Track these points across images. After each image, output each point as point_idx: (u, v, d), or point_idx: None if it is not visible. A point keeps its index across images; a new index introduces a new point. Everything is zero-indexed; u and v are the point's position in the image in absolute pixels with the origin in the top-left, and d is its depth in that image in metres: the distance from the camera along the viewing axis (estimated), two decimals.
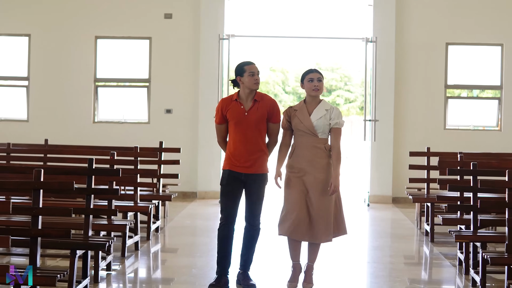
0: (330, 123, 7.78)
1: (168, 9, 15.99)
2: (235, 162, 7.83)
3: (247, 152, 7.80)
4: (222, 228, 7.85)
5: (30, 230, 6.41)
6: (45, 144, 12.60)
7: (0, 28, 16.29)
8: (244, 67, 7.87)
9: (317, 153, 7.76)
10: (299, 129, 7.82)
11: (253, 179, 7.82)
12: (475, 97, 16.71)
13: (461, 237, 8.33)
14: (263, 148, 7.89)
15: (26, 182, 6.73)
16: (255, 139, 7.81)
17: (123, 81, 16.62)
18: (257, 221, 7.91)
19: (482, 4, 15.81)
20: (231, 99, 7.91)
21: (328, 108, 7.85)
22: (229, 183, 7.84)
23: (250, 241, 7.92)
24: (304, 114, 7.84)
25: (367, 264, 9.83)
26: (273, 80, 50.84)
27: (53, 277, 6.00)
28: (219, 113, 7.93)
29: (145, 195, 11.29)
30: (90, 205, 7.84)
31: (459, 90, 16.32)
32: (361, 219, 13.92)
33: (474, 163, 8.76)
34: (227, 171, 7.88)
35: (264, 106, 7.84)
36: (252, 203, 7.86)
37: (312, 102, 7.91)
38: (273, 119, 7.92)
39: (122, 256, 9.48)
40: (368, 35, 15.56)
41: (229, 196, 7.86)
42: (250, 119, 7.79)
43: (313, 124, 7.77)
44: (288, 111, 7.97)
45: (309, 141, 7.79)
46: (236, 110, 7.83)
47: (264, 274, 8.68)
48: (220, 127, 8.00)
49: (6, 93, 16.68)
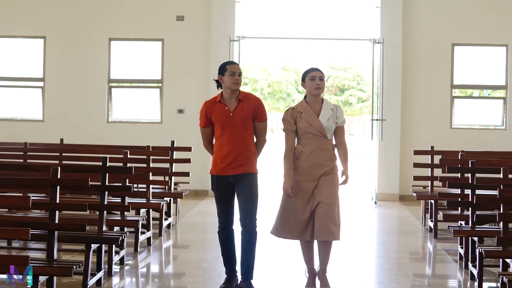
0: (337, 122, 7.70)
1: (180, 12, 16.25)
2: (221, 165, 7.62)
3: (236, 154, 7.58)
4: (221, 231, 7.73)
5: (48, 224, 6.77)
6: (61, 144, 12.94)
7: (16, 30, 16.59)
8: (226, 66, 7.65)
9: (326, 156, 7.63)
10: (308, 131, 7.64)
11: (243, 179, 7.59)
12: (480, 96, 16.94)
13: (459, 232, 8.66)
14: (252, 148, 7.68)
15: (44, 179, 7.08)
16: (243, 140, 7.61)
17: (136, 82, 16.87)
18: (251, 223, 7.62)
19: (487, 6, 16.02)
20: (215, 101, 7.70)
21: (333, 107, 7.73)
22: (219, 189, 7.69)
23: (248, 246, 7.63)
24: (311, 115, 7.66)
25: (373, 259, 10.16)
26: (286, 80, 50.94)
27: (69, 268, 6.34)
28: (204, 116, 7.73)
29: (157, 192, 11.58)
30: (104, 201, 8.16)
31: (468, 90, 16.60)
32: (369, 216, 14.23)
33: (472, 161, 9.07)
34: (215, 177, 7.71)
35: (249, 105, 7.63)
36: (243, 204, 7.61)
37: (315, 102, 7.74)
38: (258, 118, 7.69)
39: (135, 251, 9.78)
40: (375, 36, 15.84)
41: (222, 201, 7.70)
42: (235, 119, 7.59)
43: (323, 126, 7.62)
44: (291, 113, 7.74)
45: (319, 143, 7.64)
46: (221, 112, 7.62)
47: (268, 282, 8.47)
48: (206, 131, 7.81)
49: (22, 94, 16.93)
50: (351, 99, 53.15)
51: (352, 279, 8.80)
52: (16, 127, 16.40)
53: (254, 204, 7.62)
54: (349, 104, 53.67)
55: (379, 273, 9.25)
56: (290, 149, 7.71)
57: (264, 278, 8.42)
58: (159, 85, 16.47)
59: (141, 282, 8.78)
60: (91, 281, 7.65)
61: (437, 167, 11.55)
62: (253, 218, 7.61)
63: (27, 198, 5.69)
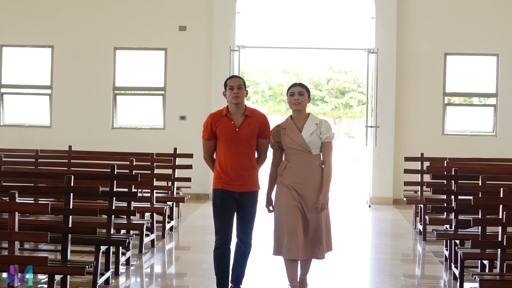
0: (321, 137, 7.51)
1: (183, 22, 16.75)
2: (228, 180, 7.48)
3: (240, 169, 7.45)
4: (218, 249, 7.58)
5: (62, 228, 7.36)
6: (69, 150, 13.51)
7: (25, 40, 17.07)
8: (226, 81, 7.57)
9: (313, 171, 7.48)
10: (291, 147, 7.50)
11: (247, 197, 7.51)
12: (472, 104, 17.48)
13: (442, 235, 9.26)
14: (255, 164, 7.58)
15: (59, 187, 7.67)
16: (247, 155, 7.48)
17: (140, 90, 17.37)
18: (249, 238, 7.63)
19: (479, 17, 16.58)
20: (221, 114, 7.55)
21: (318, 122, 7.55)
22: (224, 203, 7.51)
23: (242, 257, 7.65)
24: (294, 131, 7.53)
25: (366, 260, 10.70)
26: (287, 82, 51.07)
27: (82, 267, 6.95)
28: (208, 129, 7.54)
29: (160, 197, 12.06)
30: (112, 206, 8.71)
31: (458, 97, 17.17)
32: (363, 219, 14.78)
33: (456, 169, 9.67)
34: (219, 190, 7.52)
35: (256, 122, 7.52)
36: (244, 221, 7.58)
37: (299, 118, 7.60)
38: (264, 135, 7.58)
39: (140, 253, 10.34)
40: (370, 46, 16.41)
41: (224, 216, 7.53)
42: (241, 135, 7.46)
43: (305, 141, 7.47)
44: (276, 130, 7.65)
45: (303, 158, 7.49)
46: (226, 126, 7.48)
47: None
48: (208, 144, 7.60)
49: (31, 101, 17.40)
50: (351, 101, 53.44)
51: (345, 279, 9.28)
52: (25, 133, 16.89)
53: (252, 221, 7.61)
54: (350, 106, 54.01)
55: (370, 274, 9.82)
56: (273, 167, 7.67)
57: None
58: (162, 93, 16.94)
59: (146, 281, 9.27)
60: (100, 280, 8.19)
61: (426, 173, 12.04)
62: (250, 233, 7.61)
63: (47, 205, 6.27)
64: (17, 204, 6.29)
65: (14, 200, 6.29)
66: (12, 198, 6.29)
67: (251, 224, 7.60)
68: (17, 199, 6.34)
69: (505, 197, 7.46)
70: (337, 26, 27.03)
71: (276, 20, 29.11)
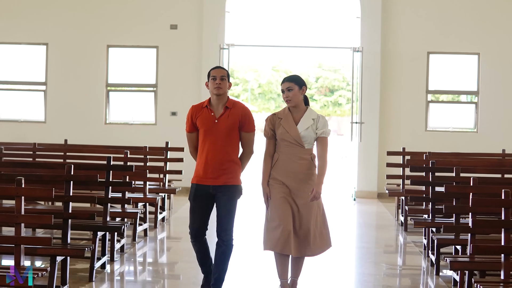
0: (317, 132, 7.33)
1: (174, 21, 17.15)
2: (203, 173, 7.27)
3: (217, 163, 7.23)
4: (193, 243, 7.47)
5: (63, 213, 7.86)
6: (65, 144, 13.97)
7: (20, 37, 17.44)
8: (210, 71, 7.38)
9: (303, 165, 7.31)
10: (284, 139, 7.32)
11: (222, 191, 7.26)
12: (454, 101, 17.99)
13: (420, 223, 9.82)
14: (234, 158, 7.33)
15: (59, 175, 8.18)
16: (226, 149, 7.25)
17: (132, 86, 17.77)
18: (227, 235, 7.29)
19: (461, 17, 17.09)
20: (202, 106, 7.38)
21: (315, 117, 7.37)
22: (196, 199, 7.32)
23: (221, 258, 7.32)
24: (290, 123, 7.33)
25: (352, 249, 11.24)
26: (276, 80, 51.25)
27: (82, 249, 7.48)
28: (189, 121, 7.40)
29: (153, 188, 12.57)
30: (108, 195, 9.18)
31: (441, 94, 17.71)
32: (348, 212, 15.33)
33: (433, 161, 10.23)
34: (194, 186, 7.34)
35: (236, 114, 7.28)
36: (222, 217, 7.28)
37: (297, 111, 7.41)
38: (245, 128, 7.35)
39: (133, 241, 10.86)
40: (355, 45, 16.93)
41: (196, 213, 7.34)
42: (220, 127, 7.24)
43: (300, 135, 7.30)
44: (271, 119, 7.43)
45: (295, 152, 7.31)
46: (206, 117, 7.28)
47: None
48: (191, 136, 7.44)
49: (26, 97, 17.80)
50: (340, 99, 53.71)
51: (331, 267, 9.72)
52: (20, 128, 17.26)
53: (231, 217, 7.30)
54: (339, 104, 54.30)
55: (355, 262, 10.38)
56: (268, 155, 7.43)
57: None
58: (154, 89, 17.35)
59: (139, 268, 9.76)
60: (97, 265, 8.68)
61: (407, 167, 12.48)
62: (229, 231, 7.29)
63: (51, 191, 6.79)
64: (23, 190, 6.79)
65: (20, 186, 6.79)
66: (19, 184, 6.79)
67: (229, 220, 7.27)
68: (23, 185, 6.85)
69: (474, 185, 8.01)
70: (324, 25, 27.58)
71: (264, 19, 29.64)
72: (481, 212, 8.13)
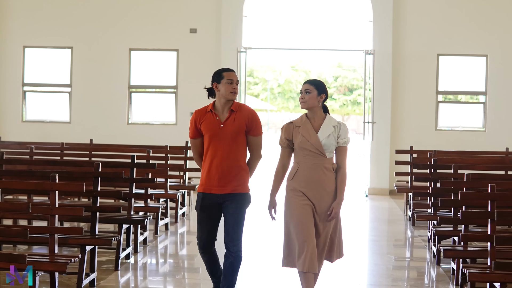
0: (339, 141, 6.90)
1: (193, 25, 17.74)
2: (210, 182, 6.87)
3: (223, 169, 6.82)
4: (201, 254, 7.19)
5: (92, 207, 8.56)
6: (90, 143, 14.68)
7: (47, 41, 18.10)
8: (222, 73, 6.93)
9: (326, 176, 6.87)
10: (304, 147, 6.85)
11: (230, 199, 6.85)
12: (463, 101, 18.53)
13: (422, 217, 10.47)
14: (242, 164, 6.91)
15: (89, 172, 8.92)
16: (233, 154, 6.84)
17: (154, 88, 18.29)
18: (236, 246, 6.89)
19: (469, 20, 17.62)
20: (206, 110, 6.94)
21: (335, 124, 6.94)
22: (203, 209, 6.94)
23: (229, 270, 6.92)
24: (309, 130, 6.87)
25: (366, 242, 11.89)
26: (296, 80, 51.63)
27: (109, 239, 8.18)
28: (193, 126, 6.96)
29: (173, 185, 13.17)
30: (132, 190, 9.83)
31: (450, 95, 18.26)
32: (360, 208, 15.91)
33: (435, 159, 10.88)
34: (201, 195, 6.93)
35: (242, 117, 6.86)
36: (230, 227, 6.88)
37: (315, 117, 6.96)
38: (252, 132, 6.92)
39: (155, 234, 11.51)
40: (368, 48, 17.53)
41: (204, 224, 6.99)
42: (226, 131, 6.83)
43: (321, 143, 6.84)
44: (287, 127, 6.97)
45: (317, 162, 6.85)
46: (211, 122, 6.86)
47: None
48: (195, 142, 7.02)
49: (51, 99, 18.41)
50: (359, 98, 54.00)
51: (344, 258, 10.18)
52: (46, 128, 17.90)
53: (239, 228, 6.92)
54: (358, 103, 54.62)
55: (367, 254, 10.97)
56: (281, 167, 7.02)
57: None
58: (174, 91, 17.93)
59: (160, 260, 10.39)
60: (122, 255, 9.35)
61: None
62: (237, 242, 6.91)
63: (82, 186, 7.51)
64: (57, 185, 7.50)
65: (55, 181, 7.52)
66: (53, 179, 7.52)
67: (237, 230, 6.88)
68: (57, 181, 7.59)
69: (467, 181, 8.68)
70: (338, 28, 28.11)
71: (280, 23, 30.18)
72: (478, 205, 8.70)
